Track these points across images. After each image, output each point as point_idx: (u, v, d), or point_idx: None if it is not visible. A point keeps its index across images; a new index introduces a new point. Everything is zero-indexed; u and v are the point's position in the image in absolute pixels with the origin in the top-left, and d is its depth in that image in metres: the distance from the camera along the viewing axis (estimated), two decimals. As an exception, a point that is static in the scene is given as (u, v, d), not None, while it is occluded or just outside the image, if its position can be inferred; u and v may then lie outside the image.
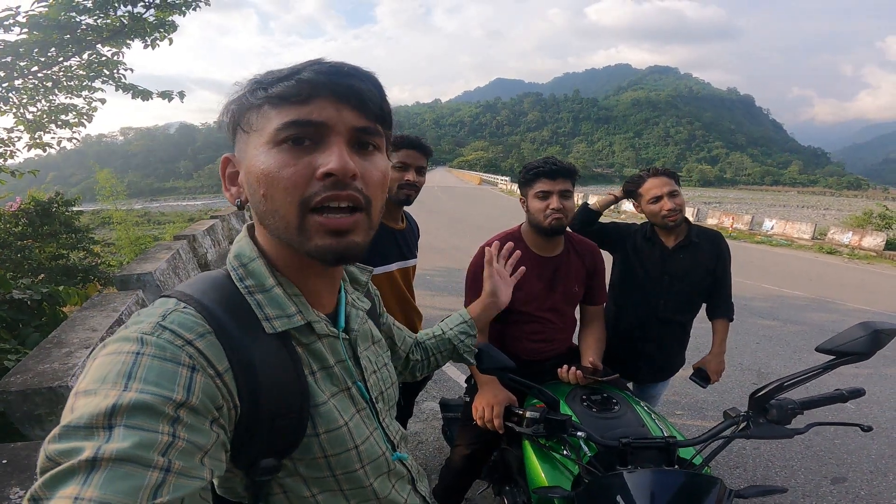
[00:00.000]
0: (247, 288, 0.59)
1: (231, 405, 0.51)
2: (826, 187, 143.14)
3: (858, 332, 1.00)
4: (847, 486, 2.56)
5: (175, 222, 14.42)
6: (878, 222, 12.77)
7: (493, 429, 1.40)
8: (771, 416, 1.08)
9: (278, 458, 0.57)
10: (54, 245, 5.09)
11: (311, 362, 0.61)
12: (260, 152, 0.54)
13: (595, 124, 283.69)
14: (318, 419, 0.59)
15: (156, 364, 0.45)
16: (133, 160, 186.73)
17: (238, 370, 0.52)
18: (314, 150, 0.54)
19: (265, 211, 0.56)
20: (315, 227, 0.54)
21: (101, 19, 4.36)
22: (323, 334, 0.63)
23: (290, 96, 0.53)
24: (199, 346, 0.50)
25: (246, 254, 0.61)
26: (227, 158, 0.62)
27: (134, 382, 0.43)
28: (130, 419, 0.40)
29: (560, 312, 1.73)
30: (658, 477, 1.01)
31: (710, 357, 2.02)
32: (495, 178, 45.67)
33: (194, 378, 0.47)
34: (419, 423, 3.05)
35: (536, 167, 1.61)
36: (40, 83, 4.75)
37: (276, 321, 0.58)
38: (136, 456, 0.39)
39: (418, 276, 2.07)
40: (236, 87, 0.58)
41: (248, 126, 0.56)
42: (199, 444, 0.44)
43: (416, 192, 1.73)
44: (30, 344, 2.55)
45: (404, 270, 1.83)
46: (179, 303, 0.54)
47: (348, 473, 0.62)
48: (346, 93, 0.55)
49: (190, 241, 4.66)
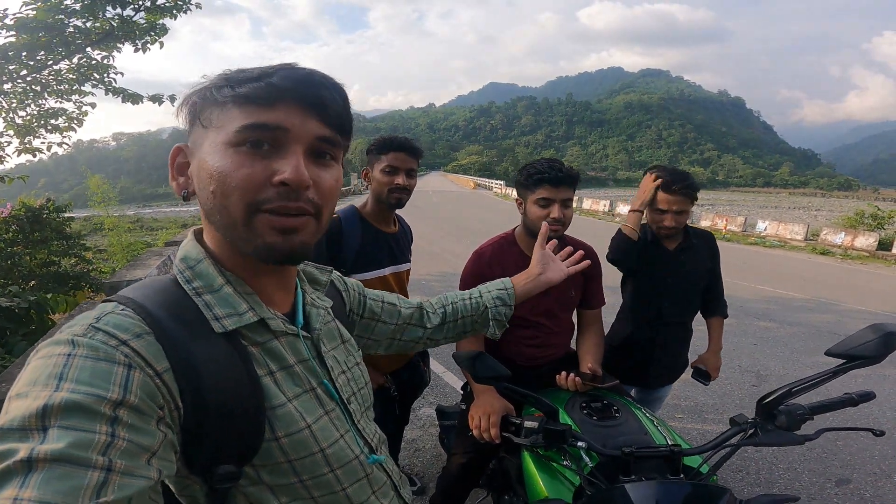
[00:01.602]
0: (194, 289, 0.57)
1: (173, 406, 0.50)
2: (817, 188, 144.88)
3: (869, 334, 0.97)
4: (852, 488, 2.55)
5: (168, 228, 14.32)
6: (870, 222, 12.87)
7: (489, 439, 1.35)
8: (780, 422, 1.05)
9: (237, 464, 0.55)
10: (45, 252, 5.01)
11: (269, 362, 0.59)
12: (216, 150, 0.54)
13: (588, 128, 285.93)
14: (277, 422, 0.57)
15: (88, 364, 0.44)
16: (125, 166, 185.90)
17: (179, 371, 0.51)
18: (272, 155, 0.54)
19: (213, 207, 0.55)
20: (262, 224, 0.54)
21: (89, 22, 4.31)
22: (279, 332, 0.62)
23: (256, 98, 0.53)
24: (134, 346, 0.48)
25: (192, 256, 0.60)
26: (178, 148, 0.60)
27: (65, 383, 0.42)
28: (64, 420, 0.40)
29: (555, 317, 1.70)
30: (663, 488, 0.97)
31: (709, 354, 2.04)
32: (490, 182, 45.83)
33: (131, 376, 0.46)
34: (416, 430, 3.00)
35: (540, 172, 1.51)
36: (29, 87, 4.69)
37: (227, 320, 0.57)
38: (73, 456, 0.38)
39: (415, 281, 2.04)
40: (202, 80, 0.57)
41: (208, 121, 0.55)
42: (143, 444, 0.43)
43: (408, 195, 1.70)
44: (17, 352, 2.50)
45: (398, 275, 1.80)
46: (118, 306, 0.53)
47: (316, 478, 0.60)
48: (312, 101, 0.55)
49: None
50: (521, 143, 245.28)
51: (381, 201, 1.69)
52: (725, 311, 2.05)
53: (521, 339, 1.68)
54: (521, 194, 1.61)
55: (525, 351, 1.69)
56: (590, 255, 1.74)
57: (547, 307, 1.66)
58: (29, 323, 2.93)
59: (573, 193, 1.55)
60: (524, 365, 1.69)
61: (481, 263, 1.64)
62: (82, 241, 5.77)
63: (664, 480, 1.01)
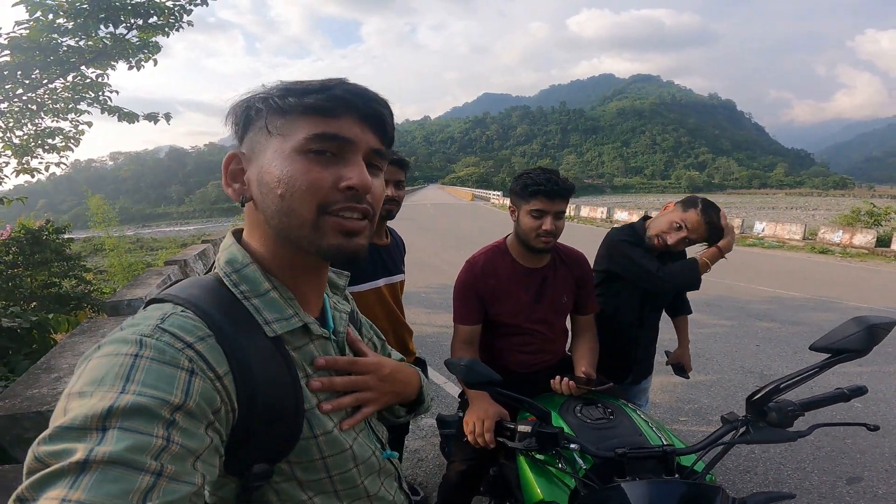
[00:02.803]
0: (242, 293, 0.59)
1: (229, 408, 0.51)
2: (813, 188, 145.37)
3: (852, 327, 0.97)
4: (864, 486, 2.53)
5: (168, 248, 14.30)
6: (867, 220, 12.90)
7: (483, 444, 1.35)
8: (771, 419, 1.05)
9: (271, 462, 0.57)
10: (46, 273, 5.02)
11: (306, 365, 0.62)
12: (284, 156, 0.57)
13: (583, 135, 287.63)
14: (315, 421, 0.60)
15: (154, 367, 0.45)
16: (123, 185, 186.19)
17: (238, 373, 0.52)
18: (336, 163, 0.58)
19: (278, 209, 0.57)
20: (330, 227, 0.57)
21: (82, 41, 4.34)
22: (316, 335, 0.65)
23: (322, 109, 0.56)
24: (199, 349, 0.50)
25: (238, 259, 0.61)
26: (233, 155, 0.62)
27: (132, 385, 0.43)
28: (126, 421, 0.40)
29: (549, 323, 1.71)
30: (656, 487, 0.98)
31: (682, 351, 2.22)
32: (488, 193, 45.97)
33: (193, 381, 0.47)
34: (418, 439, 3.00)
35: (536, 184, 1.50)
36: (25, 106, 4.71)
37: (276, 324, 0.59)
38: (129, 459, 0.38)
39: (413, 293, 2.06)
40: (261, 88, 0.60)
41: (273, 128, 0.58)
42: (192, 448, 0.43)
43: (398, 206, 1.72)
44: (19, 371, 2.51)
45: (391, 286, 1.82)
46: (177, 306, 0.54)
47: (343, 473, 0.63)
48: (371, 115, 0.59)
49: (181, 266, 4.63)
50: (516, 153, 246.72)
51: None
52: (690, 308, 2.25)
53: (517, 345, 1.69)
54: (515, 203, 1.62)
55: (520, 358, 1.70)
56: (581, 263, 1.76)
57: (541, 315, 1.68)
58: (31, 343, 2.94)
59: (567, 205, 1.56)
60: (520, 371, 1.70)
61: (474, 272, 1.66)
62: (82, 262, 5.79)
63: (658, 480, 1.02)
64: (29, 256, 4.90)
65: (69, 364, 2.10)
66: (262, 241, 0.62)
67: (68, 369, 2.03)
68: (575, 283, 1.73)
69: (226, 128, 0.63)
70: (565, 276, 1.71)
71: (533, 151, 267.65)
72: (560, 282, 1.70)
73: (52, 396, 1.76)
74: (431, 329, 5.11)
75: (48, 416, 1.59)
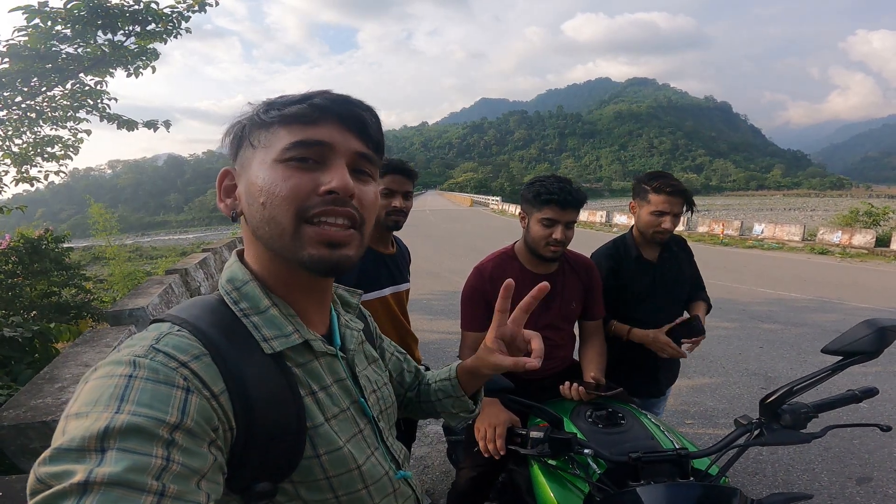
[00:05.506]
0: (242, 311, 0.59)
1: (227, 427, 0.51)
2: (810, 189, 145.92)
3: (864, 330, 0.98)
4: (874, 486, 2.52)
5: (167, 256, 14.28)
6: (866, 220, 12.93)
7: (493, 451, 1.34)
8: (784, 421, 1.06)
9: (273, 481, 0.56)
10: (45, 282, 5.00)
11: (310, 382, 0.61)
12: (265, 166, 0.57)
13: (581, 139, 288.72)
14: (318, 440, 0.59)
15: (149, 386, 0.45)
16: (122, 194, 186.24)
17: (234, 391, 0.52)
18: (317, 169, 0.57)
19: (261, 219, 0.57)
20: (309, 237, 0.56)
21: (81, 48, 4.34)
22: (320, 352, 0.64)
23: (301, 117, 0.57)
24: (193, 368, 0.49)
25: (238, 277, 0.62)
26: (226, 171, 0.63)
27: (126, 405, 0.42)
28: (123, 442, 0.40)
29: (557, 329, 1.70)
30: (673, 491, 0.97)
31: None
32: (486, 198, 46.02)
33: (189, 400, 0.46)
34: (424, 447, 2.98)
35: (550, 193, 1.49)
36: (24, 114, 4.70)
37: (274, 341, 0.58)
38: (129, 480, 0.38)
39: (416, 301, 2.06)
40: (247, 108, 0.62)
41: (257, 142, 0.59)
42: (194, 467, 0.43)
43: (405, 217, 1.73)
44: (22, 381, 2.49)
45: (397, 295, 1.82)
46: (174, 326, 0.54)
47: (351, 494, 0.62)
48: (351, 119, 0.59)
49: (182, 274, 4.62)
50: (515, 158, 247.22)
51: (378, 224, 1.72)
52: (709, 301, 2.08)
53: None
54: (525, 210, 1.61)
55: None
56: (589, 269, 1.76)
57: (549, 320, 1.68)
58: (33, 352, 2.92)
59: (578, 215, 1.55)
60: (528, 378, 1.69)
61: (482, 279, 1.66)
62: (82, 271, 5.77)
63: (674, 483, 1.01)
64: (28, 266, 4.88)
65: (72, 374, 2.09)
66: (257, 257, 0.62)
67: (72, 379, 2.03)
68: (583, 289, 1.73)
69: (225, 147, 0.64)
70: (574, 283, 1.71)
71: (531, 156, 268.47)
72: (569, 288, 1.70)
73: (56, 406, 1.75)
74: (433, 336, 5.08)
75: (53, 426, 1.59)
